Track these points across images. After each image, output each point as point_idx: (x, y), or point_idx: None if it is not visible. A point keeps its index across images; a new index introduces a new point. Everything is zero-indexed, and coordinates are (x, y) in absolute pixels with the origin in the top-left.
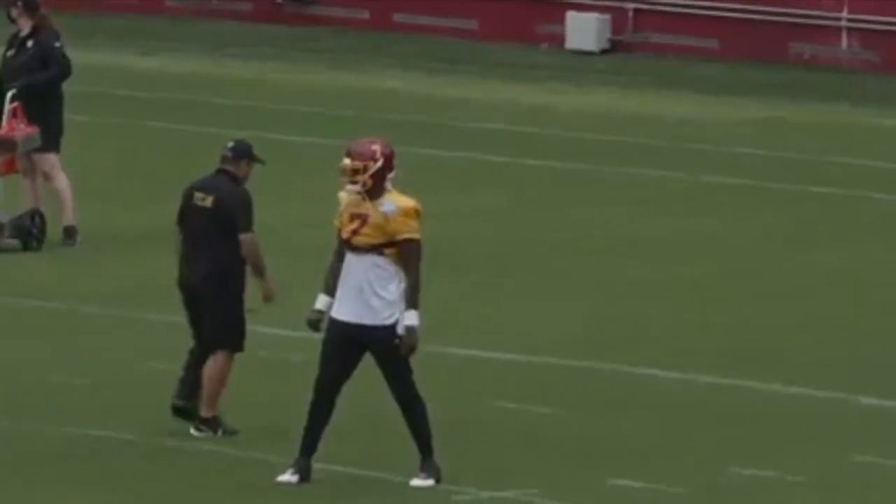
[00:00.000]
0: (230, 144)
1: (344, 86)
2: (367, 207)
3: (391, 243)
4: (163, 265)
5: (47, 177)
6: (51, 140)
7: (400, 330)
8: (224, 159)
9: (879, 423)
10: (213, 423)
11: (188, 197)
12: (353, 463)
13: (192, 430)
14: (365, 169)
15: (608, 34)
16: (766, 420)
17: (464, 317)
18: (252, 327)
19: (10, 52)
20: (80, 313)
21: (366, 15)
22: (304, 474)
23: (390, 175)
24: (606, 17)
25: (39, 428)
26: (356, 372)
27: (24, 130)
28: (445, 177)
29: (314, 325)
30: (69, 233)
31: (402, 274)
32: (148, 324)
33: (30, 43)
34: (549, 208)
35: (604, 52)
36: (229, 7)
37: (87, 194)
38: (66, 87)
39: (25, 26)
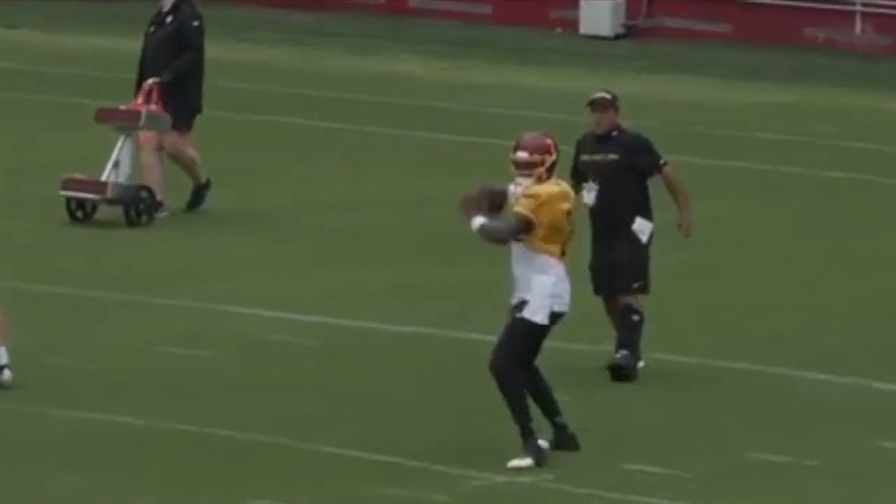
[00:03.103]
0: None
1: (359, 70)
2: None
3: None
4: (177, 250)
5: (172, 152)
6: (179, 117)
7: (527, 313)
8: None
9: (894, 409)
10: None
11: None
12: (368, 448)
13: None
14: (542, 162)
15: (622, 19)
16: (781, 405)
17: (483, 302)
18: (261, 311)
19: (151, 28)
20: (95, 298)
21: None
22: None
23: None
24: (621, 1)
25: (57, 413)
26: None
27: (152, 109)
28: (460, 161)
29: None
30: (201, 190)
31: (553, 268)
32: (163, 309)
33: (169, 19)
34: None
35: (618, 36)
36: None
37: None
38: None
39: (167, 2)
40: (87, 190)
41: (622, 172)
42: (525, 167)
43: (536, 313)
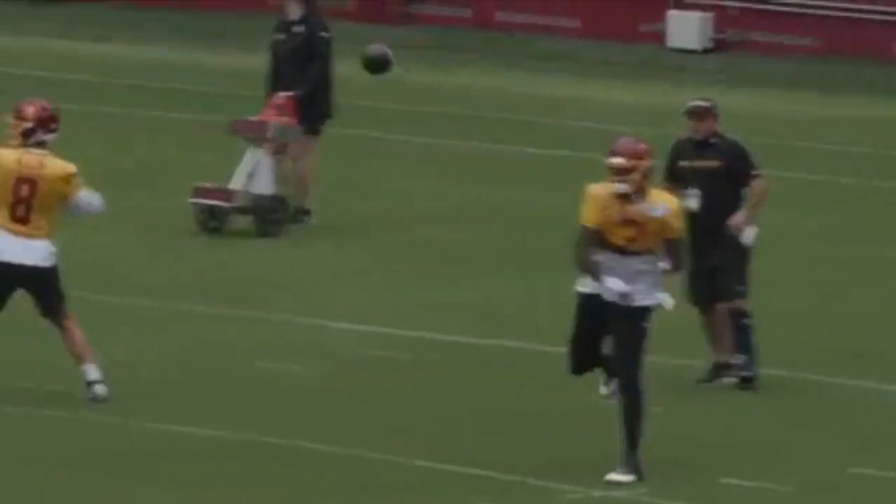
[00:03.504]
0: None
1: (445, 84)
2: (636, 212)
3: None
4: (270, 261)
5: (294, 157)
6: (308, 124)
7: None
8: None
9: None
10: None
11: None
12: (461, 461)
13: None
14: (637, 168)
15: (711, 33)
16: (876, 417)
17: (567, 315)
18: (350, 325)
19: (281, 37)
20: (191, 311)
21: (468, 13)
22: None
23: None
24: (709, 15)
25: (150, 426)
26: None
27: (281, 120)
28: (547, 175)
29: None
30: (300, 213)
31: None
32: (253, 321)
33: (299, 29)
34: None
35: (706, 50)
36: (334, 5)
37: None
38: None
39: (295, 12)
40: (216, 198)
41: (724, 178)
42: (621, 172)
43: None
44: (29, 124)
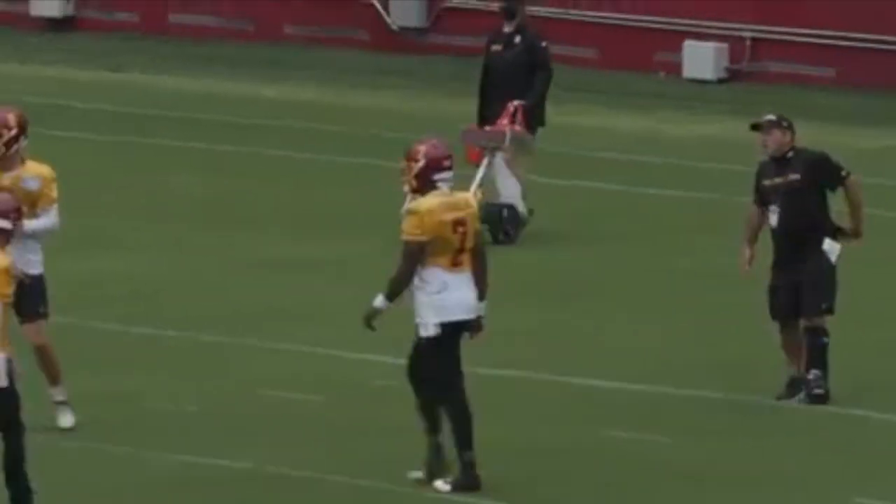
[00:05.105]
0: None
1: (462, 113)
2: None
3: None
4: (290, 291)
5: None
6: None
7: (420, 330)
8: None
9: None
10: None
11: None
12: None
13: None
14: (409, 170)
15: (725, 63)
16: (887, 449)
17: (580, 344)
18: (364, 355)
19: (498, 48)
20: (196, 341)
21: (481, 43)
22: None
23: (438, 176)
24: (724, 45)
25: (161, 455)
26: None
27: (516, 129)
28: (562, 205)
29: None
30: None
31: (435, 281)
32: (267, 351)
33: (517, 39)
34: (665, 236)
35: (721, 80)
36: (347, 35)
37: (213, 220)
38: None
39: (510, 23)
40: None
41: (804, 192)
42: (401, 174)
43: (420, 329)
44: (14, 131)
